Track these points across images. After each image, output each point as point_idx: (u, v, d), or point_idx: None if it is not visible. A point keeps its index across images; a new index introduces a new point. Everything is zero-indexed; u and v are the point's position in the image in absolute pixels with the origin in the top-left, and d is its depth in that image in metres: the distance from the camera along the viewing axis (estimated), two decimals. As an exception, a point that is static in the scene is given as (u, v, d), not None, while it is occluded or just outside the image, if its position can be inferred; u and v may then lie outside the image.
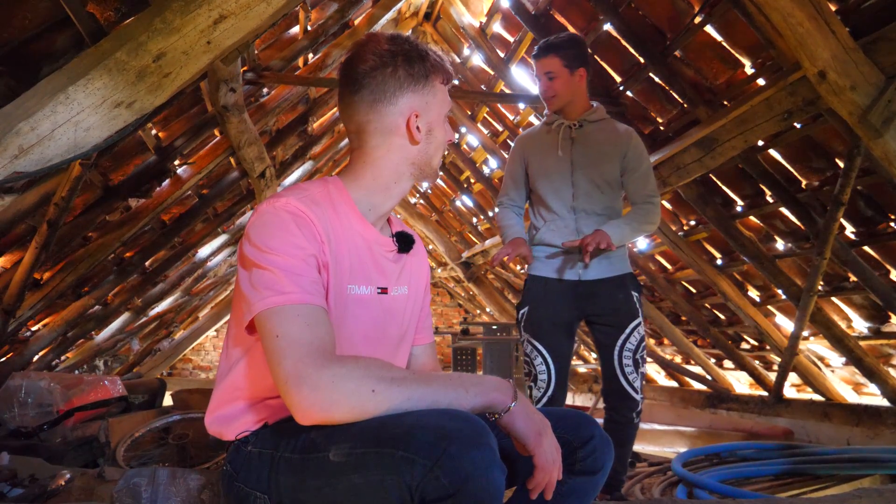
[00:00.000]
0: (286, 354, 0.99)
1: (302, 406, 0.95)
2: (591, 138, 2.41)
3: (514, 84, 4.78)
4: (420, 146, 1.24)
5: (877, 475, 2.83)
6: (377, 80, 1.20)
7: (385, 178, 1.25)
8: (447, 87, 1.28)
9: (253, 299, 1.06)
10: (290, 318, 1.02)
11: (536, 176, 2.47)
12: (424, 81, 1.22)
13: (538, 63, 2.44)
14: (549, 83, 2.40)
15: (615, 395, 2.33)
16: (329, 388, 0.95)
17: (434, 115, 1.25)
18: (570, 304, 2.36)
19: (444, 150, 1.31)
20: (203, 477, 1.67)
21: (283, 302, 1.03)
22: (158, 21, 1.62)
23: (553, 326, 2.38)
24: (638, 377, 2.32)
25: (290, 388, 0.97)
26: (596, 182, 2.37)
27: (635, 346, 2.32)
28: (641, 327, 2.34)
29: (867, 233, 3.21)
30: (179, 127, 3.36)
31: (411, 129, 1.22)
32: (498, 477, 0.88)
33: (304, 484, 1.01)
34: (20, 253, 2.97)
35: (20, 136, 1.55)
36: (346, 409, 0.95)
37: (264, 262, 1.07)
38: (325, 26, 3.83)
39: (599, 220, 2.36)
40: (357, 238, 1.22)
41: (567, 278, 2.37)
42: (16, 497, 2.09)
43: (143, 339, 6.64)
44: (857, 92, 2.25)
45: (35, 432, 2.95)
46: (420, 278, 1.41)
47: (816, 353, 4.30)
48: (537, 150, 2.49)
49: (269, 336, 1.02)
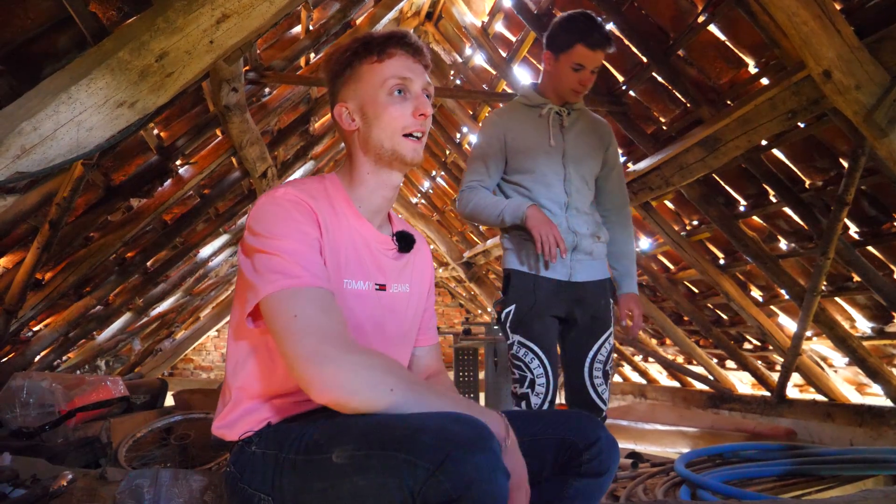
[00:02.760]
0: (307, 333, 0.99)
1: (322, 384, 0.97)
2: (577, 128, 2.23)
3: (517, 84, 4.77)
4: (361, 132, 1.25)
5: (880, 476, 2.82)
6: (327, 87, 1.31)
7: (359, 170, 1.27)
8: (386, 62, 1.22)
9: (259, 283, 1.05)
10: (304, 301, 1.03)
11: (522, 165, 2.20)
12: (349, 70, 1.25)
13: (593, 54, 2.10)
14: (591, 77, 2.14)
15: (582, 405, 2.15)
16: (352, 374, 0.96)
17: (366, 96, 1.23)
18: (559, 303, 2.17)
19: (398, 128, 1.21)
20: (206, 478, 1.67)
21: (293, 285, 1.03)
22: (161, 20, 1.61)
23: (546, 326, 2.17)
24: (606, 388, 2.18)
25: (311, 364, 0.97)
26: (585, 178, 2.21)
27: (605, 357, 2.18)
28: (611, 338, 2.21)
29: (871, 233, 3.20)
30: (181, 127, 3.35)
31: (342, 119, 1.26)
32: (502, 481, 0.87)
33: (307, 486, 1.00)
34: (22, 253, 2.97)
35: (22, 135, 1.55)
36: (361, 399, 0.96)
37: (269, 247, 1.07)
38: (327, 26, 3.83)
39: (588, 218, 2.20)
40: (354, 233, 1.23)
41: (557, 277, 2.16)
42: (18, 498, 2.08)
43: (144, 339, 6.64)
44: (861, 91, 2.24)
45: (37, 433, 2.94)
46: (424, 278, 1.40)
47: (819, 353, 4.28)
48: (523, 136, 2.20)
49: (283, 316, 1.02)
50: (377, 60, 1.22)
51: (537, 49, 4.47)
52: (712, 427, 4.54)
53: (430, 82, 1.27)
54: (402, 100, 1.22)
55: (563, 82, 2.15)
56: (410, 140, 1.22)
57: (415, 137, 1.23)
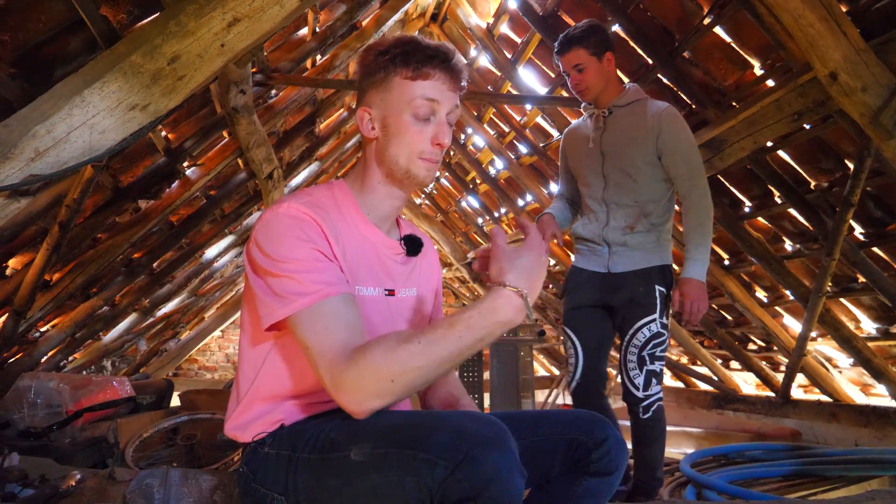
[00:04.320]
0: (319, 365, 1.03)
1: (348, 408, 1.01)
2: (619, 124, 2.35)
3: (521, 85, 4.78)
4: (379, 143, 1.23)
5: (885, 476, 2.83)
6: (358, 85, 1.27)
7: (370, 179, 1.26)
8: (419, 81, 1.18)
9: (276, 305, 1.08)
10: (312, 322, 1.05)
11: (575, 171, 2.53)
12: (382, 76, 1.21)
13: (563, 58, 2.36)
14: (580, 76, 2.34)
15: (623, 390, 2.36)
16: (355, 391, 0.98)
17: (391, 109, 1.20)
18: (598, 294, 2.41)
19: (415, 150, 1.20)
20: (215, 478, 1.68)
21: (303, 305, 1.05)
22: (173, 24, 1.63)
23: (582, 316, 2.46)
24: (641, 374, 2.29)
25: (333, 393, 1.02)
26: (626, 171, 2.32)
27: (642, 343, 2.28)
28: (655, 324, 2.28)
29: (876, 234, 3.20)
30: (189, 128, 3.37)
31: (363, 123, 1.24)
32: (518, 480, 0.88)
33: (323, 484, 1.02)
34: (31, 254, 2.98)
35: (36, 138, 1.56)
36: (377, 402, 0.99)
37: (279, 269, 1.08)
38: (334, 28, 3.84)
39: (630, 211, 2.33)
40: (363, 240, 1.23)
41: (597, 270, 2.42)
42: (27, 497, 2.09)
43: (150, 339, 6.65)
44: (868, 93, 2.25)
45: (44, 433, 2.96)
46: (431, 280, 1.41)
47: (824, 353, 4.28)
48: (574, 144, 2.52)
49: (302, 345, 1.07)
50: (411, 77, 1.18)
51: (542, 50, 4.47)
52: (717, 427, 4.54)
53: (458, 106, 1.23)
54: (425, 124, 1.20)
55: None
56: (426, 161, 1.21)
57: (431, 161, 1.21)
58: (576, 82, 2.35)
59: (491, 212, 6.93)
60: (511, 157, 5.64)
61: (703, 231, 2.25)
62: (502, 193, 6.18)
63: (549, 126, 4.90)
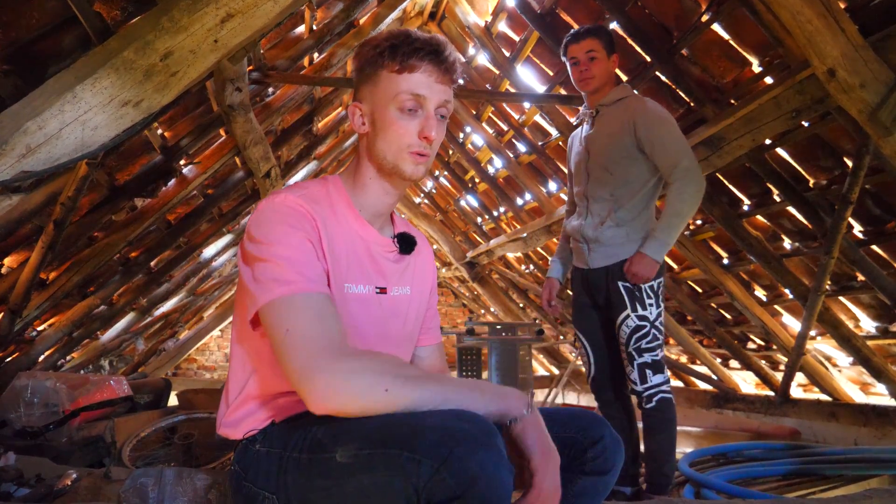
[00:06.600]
0: (299, 348, 0.99)
1: (316, 396, 0.96)
2: (604, 122, 2.45)
3: (520, 83, 4.77)
4: (369, 138, 1.22)
5: (885, 475, 2.82)
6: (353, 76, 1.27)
7: (363, 175, 1.25)
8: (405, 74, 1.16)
9: (257, 292, 1.06)
10: (297, 310, 1.02)
11: (571, 172, 2.66)
12: (371, 70, 1.20)
13: (577, 45, 2.41)
14: (591, 64, 2.40)
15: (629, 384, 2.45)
16: (343, 383, 0.96)
17: (378, 104, 1.19)
18: (587, 292, 2.52)
19: (402, 144, 1.17)
20: (210, 477, 1.67)
21: (287, 292, 1.03)
22: (166, 20, 1.62)
23: (582, 314, 2.57)
24: (634, 369, 2.35)
25: (304, 380, 0.97)
26: (605, 166, 2.41)
27: (625, 339, 2.36)
28: (631, 319, 2.35)
29: (875, 232, 3.20)
30: (185, 126, 3.35)
31: (354, 118, 1.24)
32: (506, 477, 0.87)
33: (312, 484, 1.01)
34: (27, 253, 2.98)
35: (28, 135, 1.55)
36: (358, 406, 0.95)
37: (265, 254, 1.07)
38: (331, 25, 3.83)
39: (605, 205, 2.41)
40: (355, 237, 1.22)
41: (580, 266, 2.54)
42: (22, 497, 2.09)
43: (148, 339, 6.65)
44: (866, 90, 2.24)
45: (41, 432, 2.95)
46: (425, 279, 1.40)
47: (823, 352, 4.28)
48: (572, 147, 2.66)
49: (277, 330, 1.02)
50: (397, 70, 1.16)
51: (540, 49, 4.46)
52: (716, 427, 4.53)
53: (448, 100, 1.20)
54: (412, 117, 1.17)
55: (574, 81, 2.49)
56: (413, 155, 1.19)
57: (420, 155, 1.19)
58: (584, 68, 2.41)
59: (490, 210, 6.92)
60: (510, 155, 5.63)
61: (676, 219, 2.30)
62: (501, 192, 6.17)
63: (548, 124, 4.88)
